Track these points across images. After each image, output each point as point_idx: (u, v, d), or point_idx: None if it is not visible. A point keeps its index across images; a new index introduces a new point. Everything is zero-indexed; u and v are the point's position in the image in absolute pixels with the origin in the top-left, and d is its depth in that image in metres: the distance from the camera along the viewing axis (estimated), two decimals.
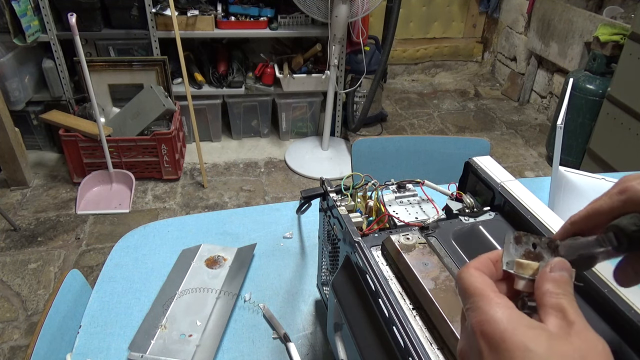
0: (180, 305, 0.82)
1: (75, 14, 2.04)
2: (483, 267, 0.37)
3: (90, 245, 2.16)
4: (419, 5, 3.81)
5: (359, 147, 1.48)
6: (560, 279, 0.34)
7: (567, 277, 0.34)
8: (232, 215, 1.05)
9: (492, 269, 0.37)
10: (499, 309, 0.32)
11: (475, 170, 0.70)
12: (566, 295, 0.33)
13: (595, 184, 1.02)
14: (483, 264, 0.37)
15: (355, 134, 3.10)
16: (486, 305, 0.33)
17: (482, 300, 0.33)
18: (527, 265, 0.36)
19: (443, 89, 3.92)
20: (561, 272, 0.34)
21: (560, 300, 0.33)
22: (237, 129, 3.02)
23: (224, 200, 2.51)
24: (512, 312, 0.32)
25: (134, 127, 2.51)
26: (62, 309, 0.89)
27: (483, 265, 0.37)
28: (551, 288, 0.33)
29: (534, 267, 0.36)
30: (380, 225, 0.63)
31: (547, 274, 0.34)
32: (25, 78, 2.55)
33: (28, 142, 2.74)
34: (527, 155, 3.06)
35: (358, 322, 0.55)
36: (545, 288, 0.34)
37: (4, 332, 1.75)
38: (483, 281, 0.35)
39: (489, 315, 0.32)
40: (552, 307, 0.32)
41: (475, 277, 0.35)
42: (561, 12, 3.16)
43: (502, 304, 0.33)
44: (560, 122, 0.92)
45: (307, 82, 2.82)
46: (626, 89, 2.33)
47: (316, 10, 2.48)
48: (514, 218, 0.62)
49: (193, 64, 2.84)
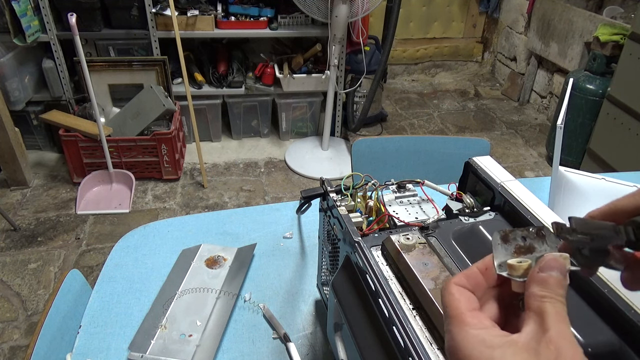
0: (180, 305, 0.82)
1: (75, 14, 2.04)
2: (467, 280, 0.36)
3: (90, 245, 2.16)
4: (419, 5, 3.81)
5: (359, 147, 1.48)
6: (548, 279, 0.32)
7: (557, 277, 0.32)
8: (232, 215, 1.05)
9: (478, 280, 0.36)
10: (467, 332, 0.32)
11: (475, 170, 0.70)
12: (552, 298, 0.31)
13: (595, 184, 1.02)
14: (468, 276, 0.36)
15: (355, 134, 3.10)
16: (455, 328, 0.32)
17: (453, 323, 0.33)
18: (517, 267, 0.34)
19: (443, 89, 3.92)
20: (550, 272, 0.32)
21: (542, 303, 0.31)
22: (237, 129, 3.02)
23: (224, 200, 2.51)
24: (479, 334, 0.31)
25: (134, 127, 2.51)
26: (62, 309, 0.89)
27: (468, 278, 0.36)
28: (536, 290, 0.32)
29: (524, 267, 0.34)
30: (380, 225, 0.63)
31: (535, 274, 0.33)
32: (25, 78, 2.55)
33: (28, 142, 2.74)
34: (527, 155, 3.06)
35: (358, 322, 0.55)
36: (531, 290, 0.32)
37: (4, 332, 1.75)
38: (459, 299, 0.34)
39: (456, 341, 0.32)
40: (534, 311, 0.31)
41: (452, 296, 0.34)
42: (561, 12, 3.16)
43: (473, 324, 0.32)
44: (560, 122, 0.92)
45: (307, 82, 2.82)
46: (626, 89, 2.33)
47: (316, 10, 2.48)
48: (514, 218, 0.62)
49: (193, 64, 2.84)
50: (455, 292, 0.35)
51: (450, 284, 0.35)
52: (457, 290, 0.35)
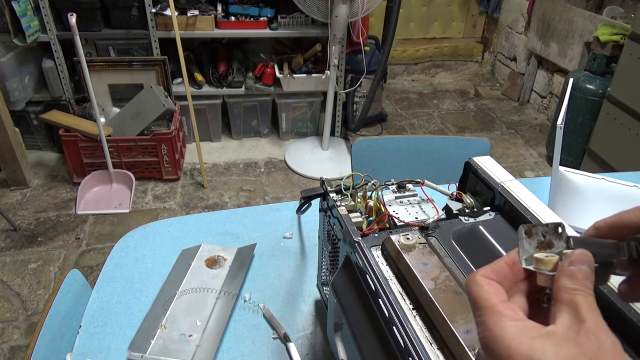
0: (180, 305, 0.82)
1: (75, 14, 2.04)
2: (494, 273, 0.36)
3: (90, 245, 2.16)
4: (419, 5, 3.81)
5: (359, 147, 1.48)
6: (578, 273, 0.33)
7: (586, 270, 0.33)
8: (232, 215, 1.05)
9: (506, 273, 0.36)
10: (504, 323, 0.32)
11: (475, 170, 0.70)
12: (582, 291, 0.32)
13: (595, 184, 1.02)
14: (495, 270, 0.36)
15: (355, 134, 3.10)
16: (490, 319, 0.32)
17: (487, 314, 0.33)
18: (547, 261, 0.35)
19: (443, 89, 3.92)
20: (580, 265, 0.33)
21: (574, 296, 0.32)
22: (237, 129, 3.02)
23: (224, 200, 2.51)
24: (517, 325, 0.31)
25: (134, 127, 2.51)
26: (62, 309, 0.89)
27: (494, 272, 0.36)
28: (567, 283, 0.32)
29: (553, 261, 0.34)
30: (380, 225, 0.63)
31: (565, 268, 0.33)
32: (25, 78, 2.55)
33: (28, 142, 2.74)
34: (527, 155, 3.06)
35: (358, 322, 0.55)
36: (562, 283, 0.33)
37: (4, 332, 1.75)
38: (489, 291, 0.34)
39: (494, 332, 0.31)
40: (566, 303, 0.32)
41: (482, 287, 0.34)
42: (561, 12, 3.16)
43: (509, 315, 0.32)
44: (560, 122, 0.92)
45: (307, 82, 2.82)
46: (626, 89, 2.33)
47: (316, 10, 2.48)
48: (514, 218, 0.62)
49: (193, 64, 2.84)
50: (485, 284, 0.35)
51: (478, 276, 0.35)
52: (487, 282, 0.35)
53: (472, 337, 0.43)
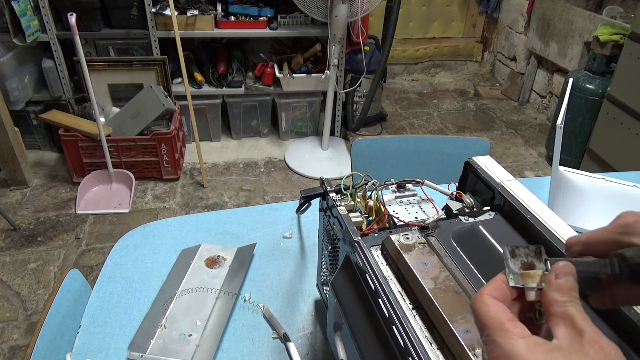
0: (180, 305, 0.82)
1: (75, 14, 2.04)
2: (497, 292, 0.36)
3: (90, 245, 2.16)
4: (419, 5, 3.81)
5: (359, 147, 1.48)
6: (565, 285, 0.34)
7: (572, 282, 0.34)
8: (232, 215, 1.05)
9: (506, 291, 0.37)
10: (515, 341, 0.32)
11: (475, 170, 0.70)
12: (572, 302, 0.33)
13: (595, 184, 1.02)
14: (497, 289, 0.37)
15: (355, 134, 3.10)
16: (502, 338, 0.33)
17: (498, 333, 0.33)
18: (533, 274, 0.36)
19: (443, 89, 3.92)
20: (566, 277, 0.34)
21: (566, 308, 0.32)
22: (237, 129, 3.02)
23: (224, 200, 2.51)
24: (528, 342, 0.32)
25: (134, 127, 2.51)
26: (62, 309, 0.89)
27: (497, 290, 0.36)
28: (557, 296, 0.33)
29: (539, 274, 0.36)
30: (380, 225, 0.63)
31: (553, 281, 0.34)
32: (25, 78, 2.55)
33: (28, 142, 2.74)
34: (527, 155, 3.06)
35: (358, 322, 0.55)
36: (552, 297, 0.34)
37: (4, 332, 1.75)
38: (497, 310, 0.34)
39: (506, 351, 0.32)
40: (560, 316, 0.32)
41: (489, 307, 0.35)
42: (561, 12, 3.16)
43: (518, 334, 0.32)
44: (560, 122, 0.92)
45: (307, 82, 2.82)
46: (626, 89, 2.33)
47: (316, 10, 2.48)
48: (514, 218, 0.62)
49: (193, 64, 2.84)
50: (492, 303, 0.35)
51: (484, 295, 0.36)
52: (493, 302, 0.35)
53: (472, 337, 0.43)
